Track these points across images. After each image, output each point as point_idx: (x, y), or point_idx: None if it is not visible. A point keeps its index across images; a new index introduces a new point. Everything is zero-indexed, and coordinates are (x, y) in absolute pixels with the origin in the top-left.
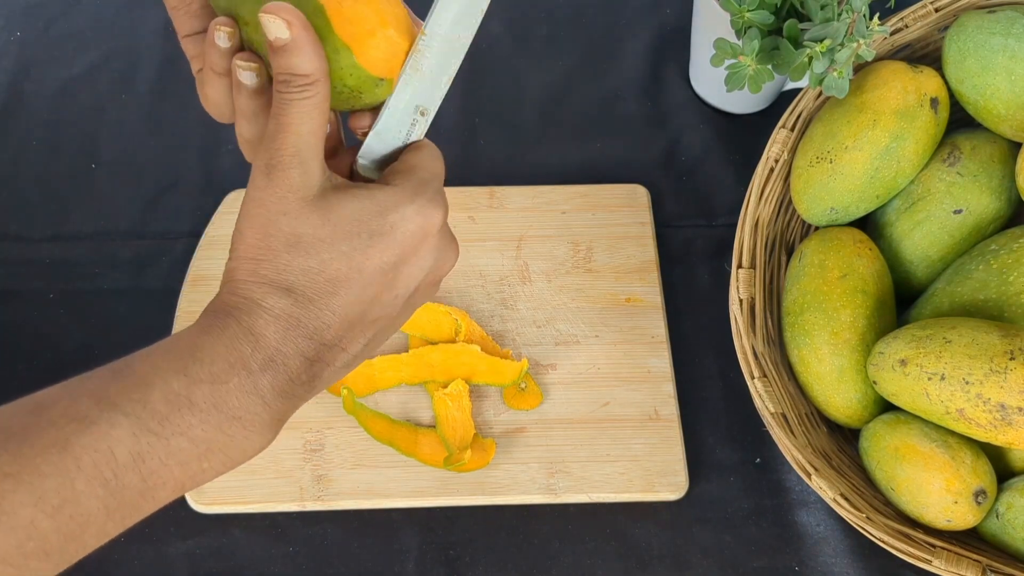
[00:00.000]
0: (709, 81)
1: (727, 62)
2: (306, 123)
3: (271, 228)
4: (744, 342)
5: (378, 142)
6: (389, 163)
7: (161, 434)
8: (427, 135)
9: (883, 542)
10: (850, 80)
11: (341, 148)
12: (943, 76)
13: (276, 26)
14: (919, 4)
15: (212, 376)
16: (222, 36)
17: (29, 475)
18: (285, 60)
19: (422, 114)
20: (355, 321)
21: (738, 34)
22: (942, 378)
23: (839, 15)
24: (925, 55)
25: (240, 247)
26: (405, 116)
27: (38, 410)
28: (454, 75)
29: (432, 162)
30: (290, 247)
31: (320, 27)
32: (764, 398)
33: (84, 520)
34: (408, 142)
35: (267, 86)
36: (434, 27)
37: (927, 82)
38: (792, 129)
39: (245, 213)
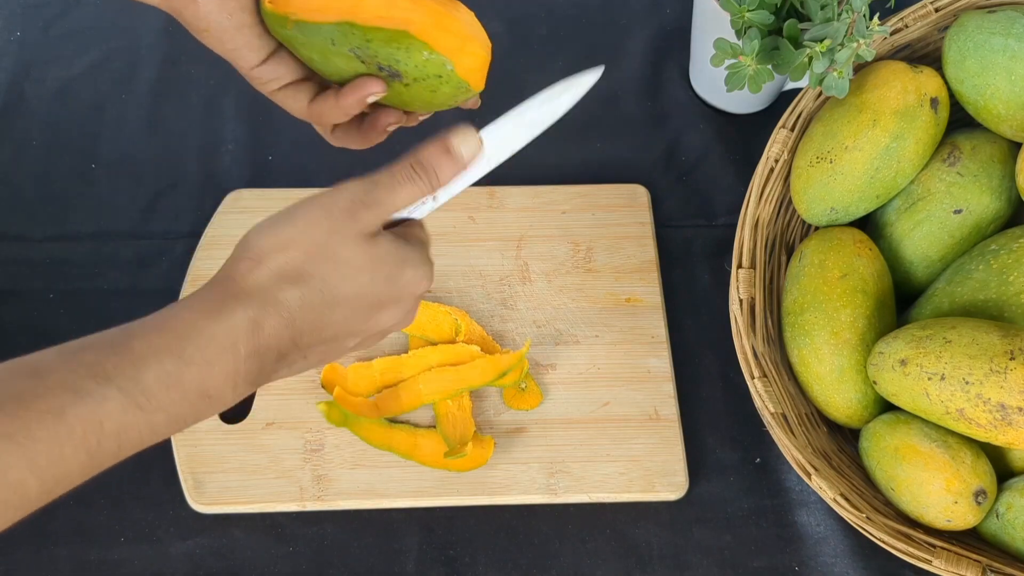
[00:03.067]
0: (709, 81)
1: (727, 62)
2: (402, 195)
3: (322, 241)
4: (744, 342)
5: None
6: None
7: (147, 409)
8: (428, 137)
9: (883, 542)
10: (850, 80)
11: None
12: (943, 76)
13: (469, 144)
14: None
15: (204, 360)
16: (374, 97)
17: (23, 438)
18: (440, 159)
19: (434, 199)
20: (328, 338)
21: (738, 34)
22: (942, 378)
23: (839, 15)
24: (925, 55)
25: (284, 233)
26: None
27: (36, 375)
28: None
29: (425, 234)
30: (324, 258)
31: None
32: (764, 398)
33: (64, 479)
34: (411, 216)
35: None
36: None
37: (927, 82)
38: (792, 129)
39: (309, 210)
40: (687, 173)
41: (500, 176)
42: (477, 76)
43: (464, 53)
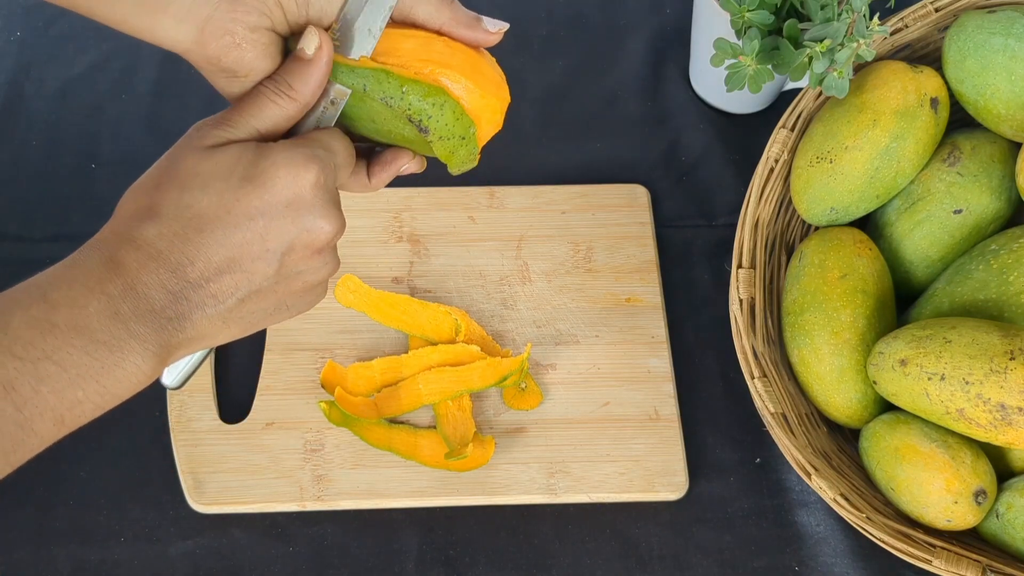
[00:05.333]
0: (709, 81)
1: (727, 62)
2: (260, 118)
3: (163, 168)
4: (744, 342)
5: (296, 129)
6: None
7: (26, 358)
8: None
9: (883, 542)
10: (850, 80)
11: None
12: (943, 76)
13: (309, 40)
14: (919, 4)
15: (70, 300)
16: (408, 168)
17: None
18: (292, 67)
19: (332, 103)
20: (222, 266)
21: (738, 34)
22: (942, 378)
23: (839, 15)
24: (925, 55)
25: (134, 186)
26: (319, 104)
27: None
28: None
29: (326, 137)
30: (169, 183)
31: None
32: (764, 398)
33: None
34: (320, 126)
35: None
36: (346, 20)
37: (927, 82)
38: (792, 129)
39: (157, 161)
40: (687, 173)
41: (500, 176)
42: (486, 137)
43: (486, 115)
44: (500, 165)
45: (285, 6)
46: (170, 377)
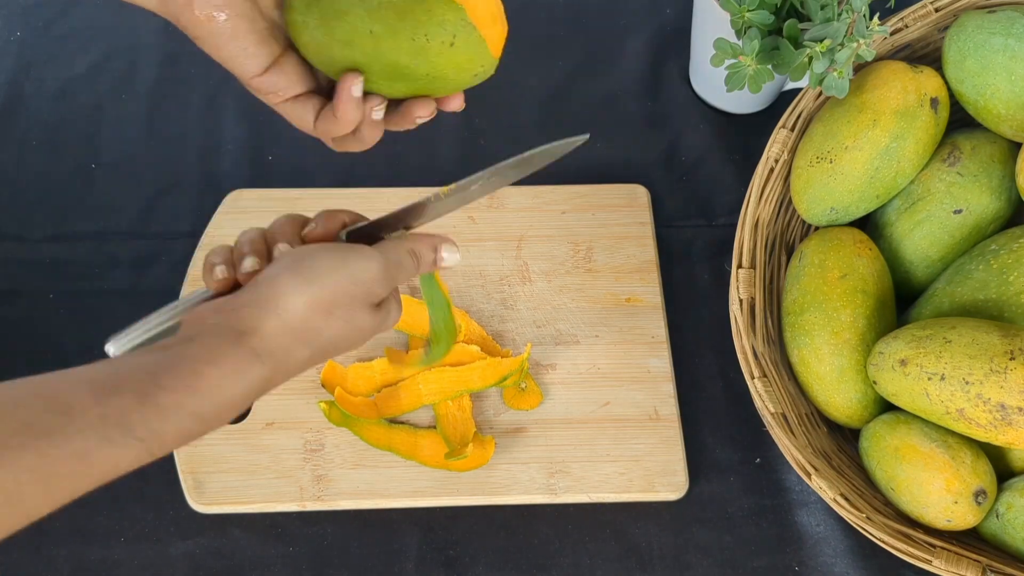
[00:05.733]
0: (709, 81)
1: (727, 62)
2: (403, 278)
3: (346, 306)
4: (744, 342)
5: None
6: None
7: (157, 454)
8: (428, 137)
9: (883, 542)
10: (850, 80)
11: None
12: (943, 76)
13: (451, 257)
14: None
15: (216, 416)
16: (358, 86)
17: (48, 474)
18: (429, 257)
19: (407, 227)
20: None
21: (738, 34)
22: (942, 378)
23: (839, 15)
24: (925, 55)
25: (316, 296)
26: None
27: (67, 414)
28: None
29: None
30: (341, 322)
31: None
32: (764, 398)
33: (68, 500)
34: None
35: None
36: (464, 183)
37: (927, 82)
38: (792, 129)
39: (339, 279)
40: (687, 173)
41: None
42: (496, 45)
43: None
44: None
45: None
46: None
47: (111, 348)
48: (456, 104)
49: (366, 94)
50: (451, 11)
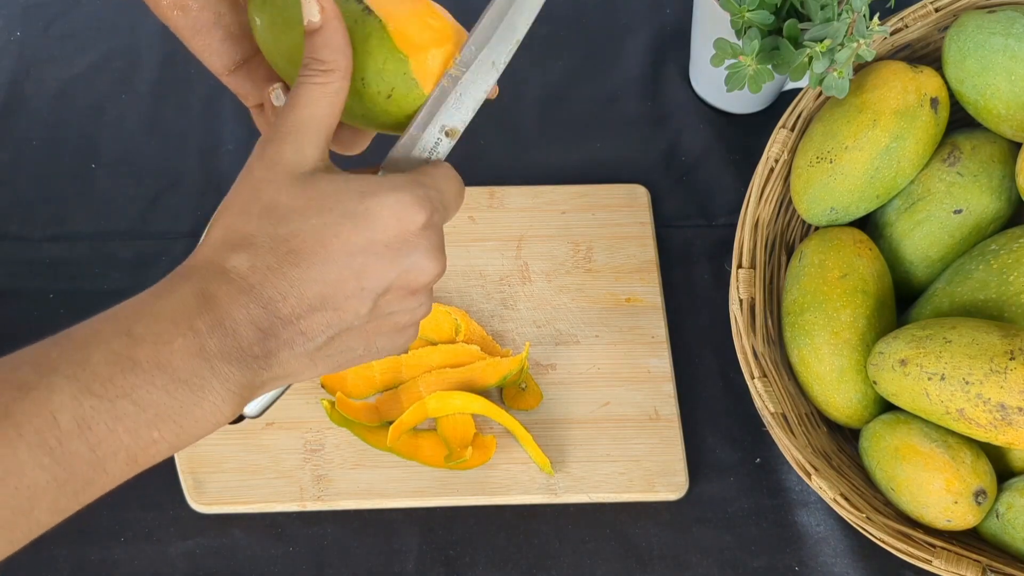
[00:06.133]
0: (709, 81)
1: (727, 62)
2: (312, 105)
3: (252, 195)
4: (744, 342)
5: (402, 155)
6: None
7: (104, 396)
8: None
9: (883, 542)
10: (850, 80)
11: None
12: (943, 76)
13: (310, 9)
14: (919, 4)
15: (155, 335)
16: (278, 95)
17: None
18: (311, 44)
19: (447, 134)
20: (315, 302)
21: (738, 34)
22: (942, 378)
23: (839, 15)
24: (925, 55)
25: (220, 210)
26: (431, 134)
27: None
28: (483, 98)
29: (439, 176)
30: (264, 213)
31: (378, 37)
32: (764, 398)
33: (32, 493)
34: (431, 159)
35: None
36: (470, 50)
37: (927, 82)
38: (792, 129)
39: (237, 180)
40: (687, 173)
41: (500, 176)
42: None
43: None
44: (500, 165)
45: None
46: (251, 406)
47: None
48: None
49: None
50: (392, 61)
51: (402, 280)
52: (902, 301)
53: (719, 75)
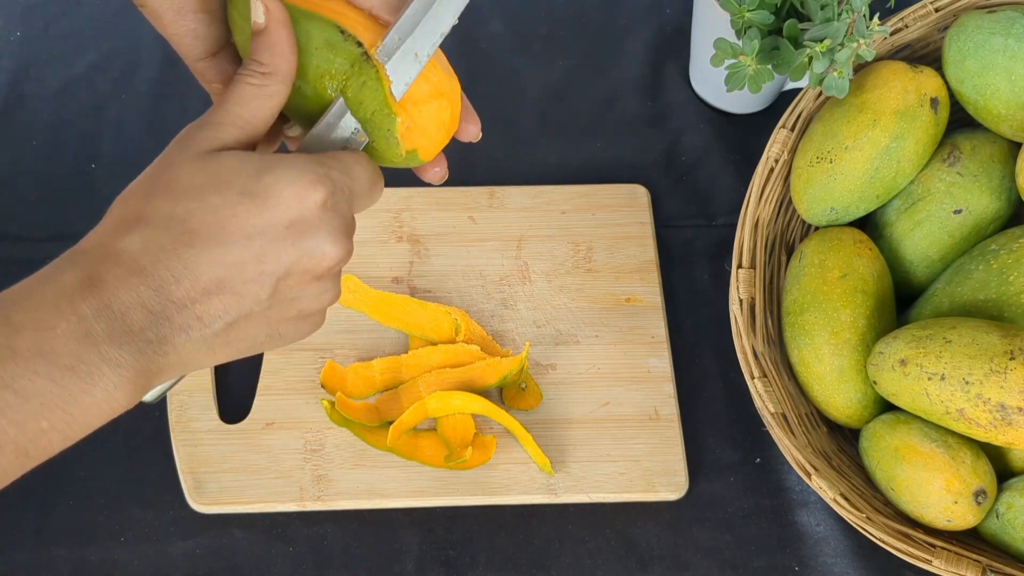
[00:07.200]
0: (709, 81)
1: (727, 62)
2: (243, 104)
3: (154, 175)
4: (744, 342)
5: (314, 141)
6: None
7: None
8: None
9: (883, 542)
10: (850, 80)
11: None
12: (943, 76)
13: (256, 10)
14: (919, 4)
15: (36, 322)
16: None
17: None
18: (255, 44)
19: (357, 133)
20: (211, 286)
21: (738, 34)
22: (942, 378)
23: (839, 15)
24: (925, 55)
25: (123, 193)
26: (348, 123)
27: None
28: (404, 91)
29: (348, 160)
30: (162, 192)
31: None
32: (764, 398)
33: None
34: (347, 148)
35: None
36: (392, 39)
37: (927, 82)
38: (792, 129)
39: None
40: (687, 173)
41: (500, 176)
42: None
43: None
44: (500, 165)
45: None
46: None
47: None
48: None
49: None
50: (381, 115)
51: (303, 264)
52: (902, 301)
53: (719, 75)
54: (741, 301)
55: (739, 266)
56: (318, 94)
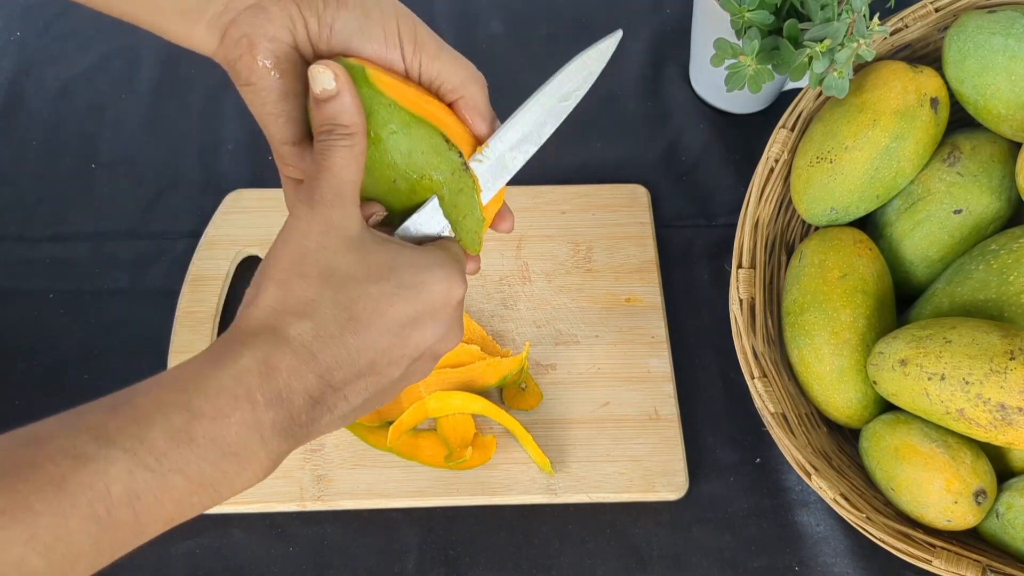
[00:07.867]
0: (709, 81)
1: (727, 62)
2: (346, 169)
3: (308, 257)
4: (744, 342)
5: (415, 228)
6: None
7: (157, 471)
8: None
9: (883, 542)
10: (850, 80)
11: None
12: (943, 76)
13: (324, 78)
14: (919, 4)
15: (215, 410)
16: (377, 219)
17: (22, 512)
18: (330, 110)
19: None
20: (364, 369)
21: (738, 34)
22: (942, 378)
23: (839, 15)
24: (925, 55)
25: (273, 271)
26: (437, 223)
27: (35, 444)
28: (495, 193)
29: (460, 252)
30: (323, 279)
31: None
32: (764, 398)
33: (74, 556)
34: (442, 236)
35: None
36: (494, 145)
37: (927, 82)
38: (792, 129)
39: (283, 240)
40: (687, 173)
41: None
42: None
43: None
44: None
45: (309, 26)
46: None
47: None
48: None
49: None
50: (472, 218)
51: (434, 348)
52: (902, 301)
53: (719, 75)
54: (741, 301)
55: (739, 266)
56: (412, 190)
